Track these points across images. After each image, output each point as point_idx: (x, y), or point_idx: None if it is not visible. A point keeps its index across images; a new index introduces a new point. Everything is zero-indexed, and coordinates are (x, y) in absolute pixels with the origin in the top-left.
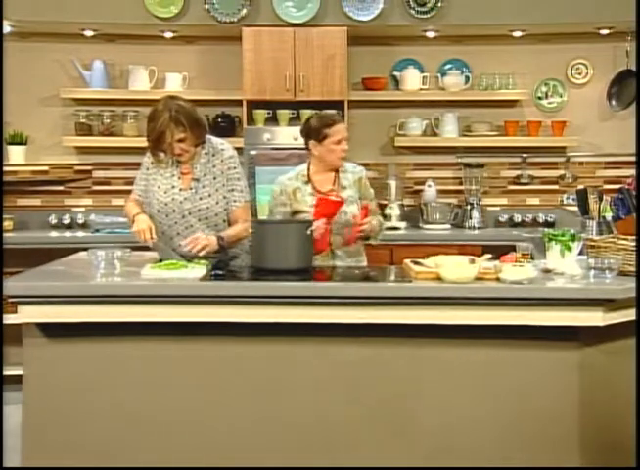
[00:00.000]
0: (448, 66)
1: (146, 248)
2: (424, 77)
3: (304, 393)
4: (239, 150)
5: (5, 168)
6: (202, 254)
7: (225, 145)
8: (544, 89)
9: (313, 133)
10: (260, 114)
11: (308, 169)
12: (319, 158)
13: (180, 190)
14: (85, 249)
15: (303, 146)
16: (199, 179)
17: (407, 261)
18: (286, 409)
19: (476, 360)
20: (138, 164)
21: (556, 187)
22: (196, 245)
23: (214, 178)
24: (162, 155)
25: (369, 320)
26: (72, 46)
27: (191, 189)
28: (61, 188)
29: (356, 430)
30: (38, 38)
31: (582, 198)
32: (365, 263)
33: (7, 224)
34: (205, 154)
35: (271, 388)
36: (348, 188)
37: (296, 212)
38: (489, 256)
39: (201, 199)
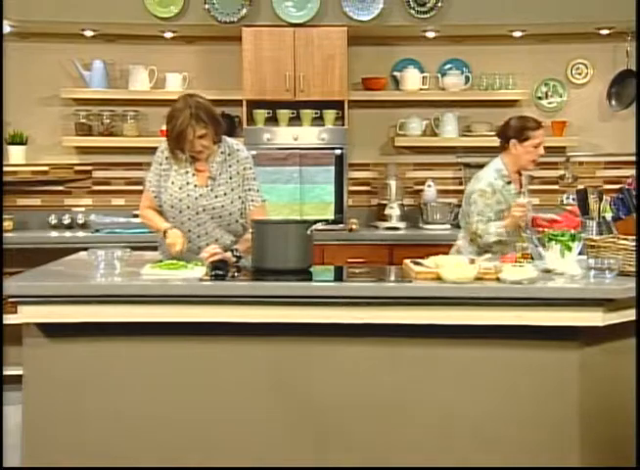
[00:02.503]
0: (448, 66)
1: (146, 248)
2: (424, 77)
3: (304, 392)
4: None
5: (5, 168)
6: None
7: (240, 146)
8: (544, 89)
9: (516, 133)
10: (260, 114)
11: (506, 169)
12: (516, 157)
13: (195, 186)
14: (85, 249)
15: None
16: (215, 178)
17: (407, 261)
18: (286, 409)
19: (476, 360)
20: (138, 164)
21: (556, 187)
22: (213, 256)
23: (230, 178)
24: (181, 153)
25: (369, 320)
26: (72, 46)
27: (207, 186)
28: (61, 188)
29: (356, 429)
30: (38, 38)
31: (582, 198)
32: None
33: (7, 224)
34: (222, 153)
35: (271, 387)
36: (527, 190)
37: (500, 211)
38: (489, 255)
39: (216, 197)
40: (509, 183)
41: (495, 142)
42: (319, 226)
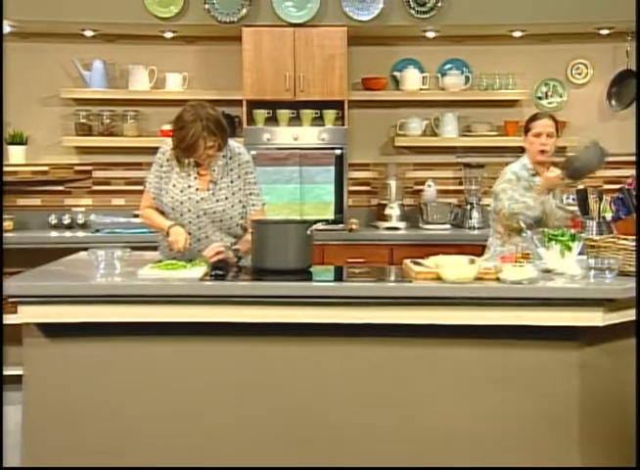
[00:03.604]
0: (448, 66)
1: (146, 248)
2: (424, 77)
3: (304, 392)
4: None
5: (5, 168)
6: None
7: (242, 149)
8: (544, 89)
9: (525, 127)
10: (260, 114)
11: (529, 162)
12: (528, 151)
13: (197, 190)
14: (85, 249)
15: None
16: (216, 182)
17: (407, 261)
18: (286, 409)
19: (476, 360)
20: (138, 164)
21: None
22: (217, 255)
23: (231, 182)
24: (185, 159)
25: (369, 320)
26: (72, 46)
27: (208, 190)
28: (61, 188)
29: (356, 429)
30: (38, 38)
31: (582, 198)
32: None
33: (7, 224)
34: (224, 157)
35: (271, 387)
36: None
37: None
38: (489, 255)
39: (217, 201)
40: (534, 175)
41: (495, 142)
42: (319, 226)
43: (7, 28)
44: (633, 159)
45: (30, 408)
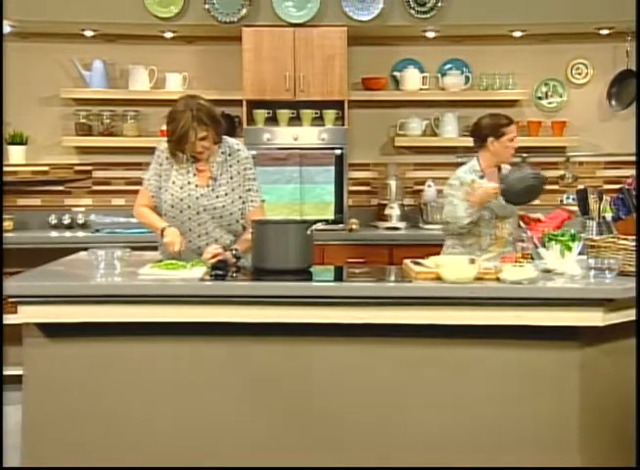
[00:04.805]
0: (448, 66)
1: (146, 248)
2: (424, 77)
3: (304, 392)
4: None
5: (5, 168)
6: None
7: (240, 146)
8: (544, 89)
9: (491, 131)
10: (260, 114)
11: (479, 165)
12: (494, 153)
13: (196, 186)
14: (85, 249)
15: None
16: (216, 178)
17: (407, 261)
18: (285, 409)
19: (476, 360)
20: (138, 164)
21: (556, 187)
22: (215, 257)
23: (231, 178)
24: (181, 154)
25: (369, 320)
26: (72, 46)
27: (208, 186)
28: (61, 188)
29: (356, 429)
30: (38, 38)
31: (582, 198)
32: None
33: (7, 224)
34: (222, 153)
35: (271, 388)
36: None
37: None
38: (489, 255)
39: (217, 197)
40: (481, 178)
41: None
42: (319, 226)
43: (7, 28)
44: (633, 159)
45: (30, 408)
